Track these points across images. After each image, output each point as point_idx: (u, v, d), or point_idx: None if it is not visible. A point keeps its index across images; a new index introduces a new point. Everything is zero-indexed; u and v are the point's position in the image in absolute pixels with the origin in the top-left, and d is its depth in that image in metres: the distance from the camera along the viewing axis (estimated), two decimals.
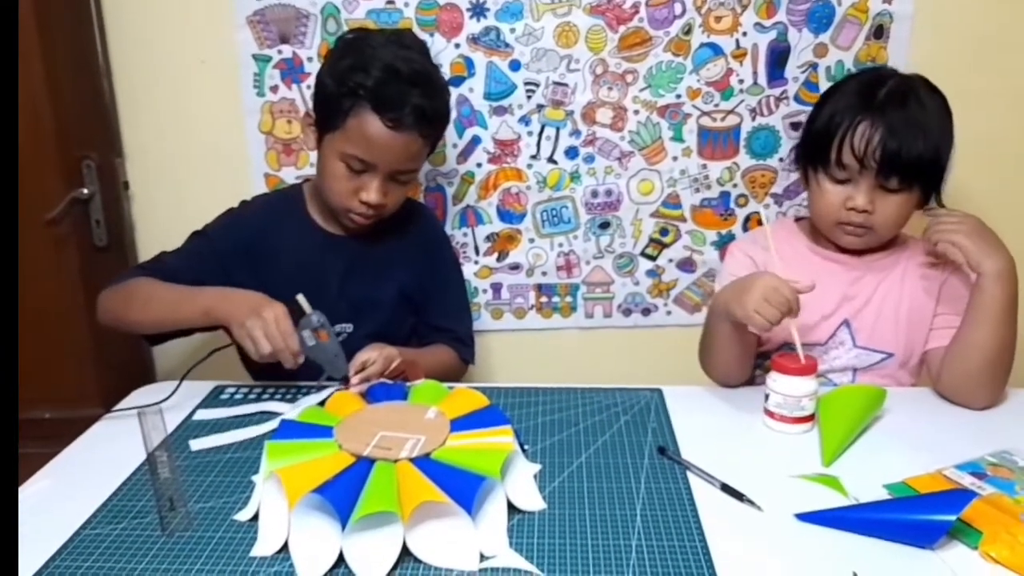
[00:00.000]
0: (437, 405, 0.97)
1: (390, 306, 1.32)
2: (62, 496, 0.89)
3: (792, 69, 1.48)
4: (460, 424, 0.92)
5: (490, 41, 1.47)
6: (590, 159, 1.54)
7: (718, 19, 1.46)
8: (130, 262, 1.54)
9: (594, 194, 1.56)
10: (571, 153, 1.54)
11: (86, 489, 0.89)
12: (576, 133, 1.52)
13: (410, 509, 0.75)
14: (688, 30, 1.46)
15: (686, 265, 1.61)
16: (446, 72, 1.45)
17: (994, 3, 1.45)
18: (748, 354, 1.19)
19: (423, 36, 1.37)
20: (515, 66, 1.48)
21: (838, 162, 1.13)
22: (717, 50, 1.47)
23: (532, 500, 0.85)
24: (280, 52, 1.47)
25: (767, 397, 1.03)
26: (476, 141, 1.53)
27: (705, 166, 1.54)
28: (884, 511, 0.81)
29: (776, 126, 1.52)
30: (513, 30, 1.46)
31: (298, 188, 1.35)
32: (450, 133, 1.51)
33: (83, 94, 1.44)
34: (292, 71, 1.48)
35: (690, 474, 0.91)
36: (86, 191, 1.44)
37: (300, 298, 1.09)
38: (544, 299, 1.63)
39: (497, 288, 1.62)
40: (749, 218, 1.57)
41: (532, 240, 1.59)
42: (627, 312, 1.64)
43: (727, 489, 0.88)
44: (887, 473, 0.90)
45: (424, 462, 0.83)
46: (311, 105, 1.24)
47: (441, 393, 1.04)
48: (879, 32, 1.46)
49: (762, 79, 1.49)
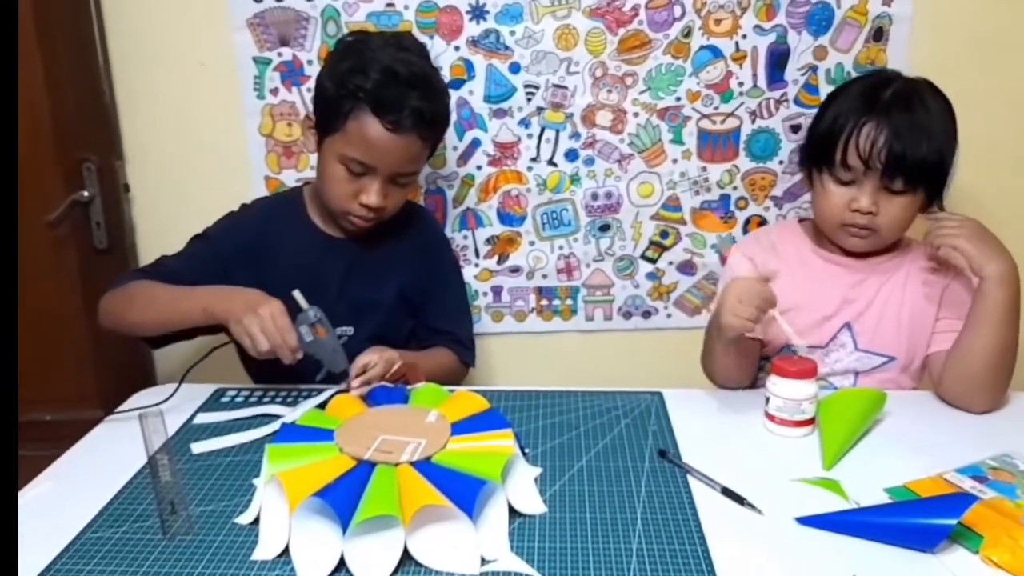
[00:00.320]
0: (438, 408, 0.97)
1: (390, 308, 1.32)
2: (63, 499, 0.89)
3: (792, 72, 1.48)
4: (461, 427, 0.92)
5: (490, 44, 1.47)
6: (590, 162, 1.54)
7: (718, 22, 1.46)
8: (130, 264, 1.54)
9: (594, 197, 1.56)
10: (571, 156, 1.54)
11: (87, 492, 0.89)
12: (576, 136, 1.52)
13: (411, 513, 0.75)
14: (688, 33, 1.46)
15: (686, 268, 1.61)
16: (446, 75, 1.45)
17: (993, 5, 1.45)
18: (750, 361, 1.20)
19: (423, 39, 1.37)
20: (515, 69, 1.48)
21: (843, 163, 1.13)
22: (717, 53, 1.48)
23: (533, 504, 0.85)
24: (280, 55, 1.48)
25: (767, 400, 1.03)
26: (476, 144, 1.53)
27: (705, 169, 1.54)
28: (885, 515, 0.81)
29: (776, 129, 1.52)
30: (513, 33, 1.46)
31: (298, 191, 1.35)
32: (450, 136, 1.51)
33: (83, 96, 1.44)
34: (292, 74, 1.48)
35: (691, 478, 0.92)
36: (86, 193, 1.44)
37: (296, 294, 1.09)
38: (544, 302, 1.63)
39: (497, 291, 1.62)
40: (749, 221, 1.58)
41: (532, 243, 1.59)
42: (627, 315, 1.64)
43: (728, 493, 0.88)
44: (888, 477, 0.90)
45: (425, 466, 0.84)
46: (311, 108, 1.24)
47: (442, 396, 1.04)
48: (879, 34, 1.46)
49: (762, 82, 1.49)
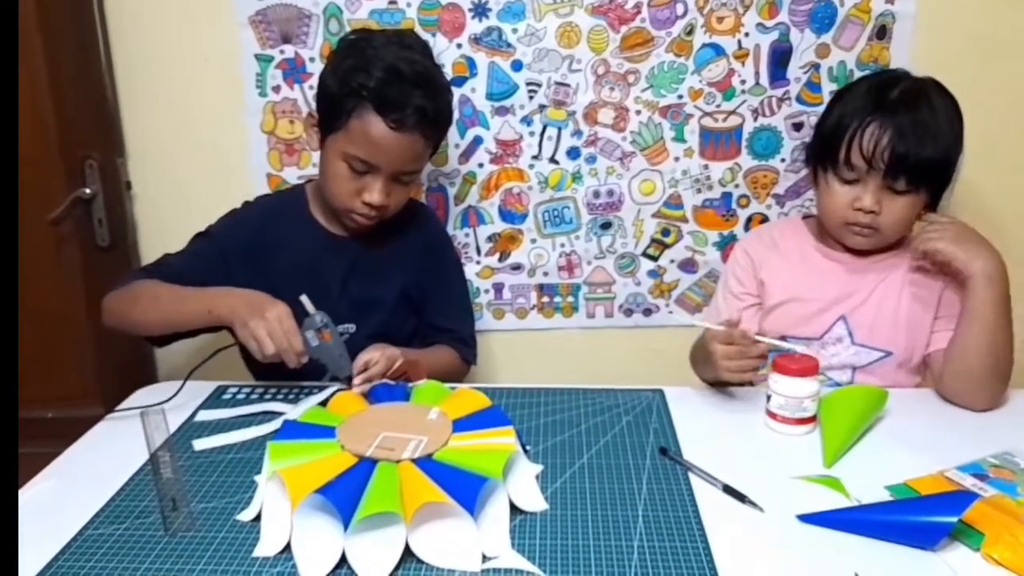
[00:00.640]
0: (439, 406, 0.97)
1: (392, 306, 1.32)
2: (65, 496, 0.89)
3: (794, 70, 1.48)
4: (462, 425, 0.92)
5: (492, 41, 1.47)
6: (592, 159, 1.54)
7: (720, 19, 1.46)
8: (132, 262, 1.54)
9: (596, 194, 1.56)
10: (573, 153, 1.54)
11: (89, 489, 0.89)
12: (578, 133, 1.52)
13: (412, 510, 0.75)
14: (690, 30, 1.46)
15: (688, 266, 1.61)
16: (448, 72, 1.45)
17: (996, 3, 1.44)
18: None
19: (425, 36, 1.37)
20: (517, 66, 1.48)
21: (847, 162, 1.14)
22: (719, 50, 1.47)
23: (534, 501, 0.85)
24: (282, 52, 1.47)
25: (769, 398, 1.03)
26: (478, 141, 1.53)
27: (707, 166, 1.54)
28: (886, 512, 0.81)
29: (778, 127, 1.52)
30: (515, 30, 1.46)
31: (301, 189, 1.35)
32: (452, 133, 1.51)
33: (86, 94, 1.44)
34: (294, 71, 1.48)
35: (692, 475, 0.92)
36: (88, 191, 1.44)
37: (304, 299, 1.09)
38: (546, 299, 1.63)
39: (499, 288, 1.62)
40: (751, 219, 1.57)
41: (534, 240, 1.59)
42: (629, 312, 1.64)
43: (729, 490, 0.88)
44: (889, 474, 0.90)
45: (426, 463, 0.84)
46: (314, 106, 1.24)
47: (443, 394, 1.04)
48: (882, 32, 1.46)
49: (764, 80, 1.49)
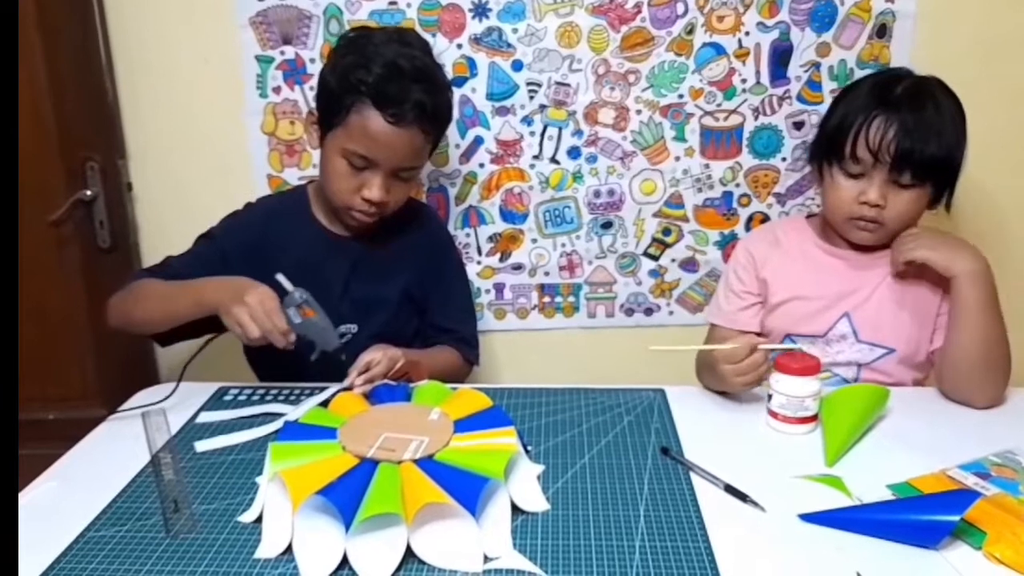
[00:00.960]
0: (440, 406, 0.97)
1: (394, 306, 1.32)
2: (66, 498, 0.89)
3: (795, 68, 1.48)
4: (463, 425, 0.92)
5: (492, 41, 1.47)
6: (592, 159, 1.54)
7: (720, 19, 1.46)
8: (134, 263, 1.54)
9: (596, 194, 1.56)
10: (573, 153, 1.53)
11: (90, 491, 0.89)
12: (578, 133, 1.52)
13: (414, 511, 0.75)
14: (690, 30, 1.46)
15: (689, 265, 1.61)
16: (449, 72, 1.45)
17: (997, 2, 1.44)
18: None
19: (425, 37, 1.37)
20: (517, 66, 1.48)
21: (852, 156, 1.14)
22: (719, 50, 1.47)
23: (535, 501, 0.85)
24: (283, 53, 1.47)
25: (770, 397, 1.03)
26: (479, 141, 1.53)
27: (708, 166, 1.54)
28: (888, 511, 0.81)
29: (779, 125, 1.51)
30: (515, 30, 1.46)
31: (302, 189, 1.35)
32: (452, 133, 1.51)
33: (86, 96, 1.44)
34: (295, 72, 1.48)
35: (693, 475, 0.92)
36: (89, 192, 1.44)
37: (280, 277, 1.08)
38: (547, 299, 1.63)
39: (500, 288, 1.62)
40: (752, 218, 1.57)
41: (535, 240, 1.59)
42: (630, 312, 1.64)
43: (730, 490, 0.88)
44: (890, 473, 0.90)
45: (428, 463, 0.84)
46: (314, 105, 1.24)
47: (444, 394, 1.04)
48: (882, 31, 1.46)
49: (765, 78, 1.49)
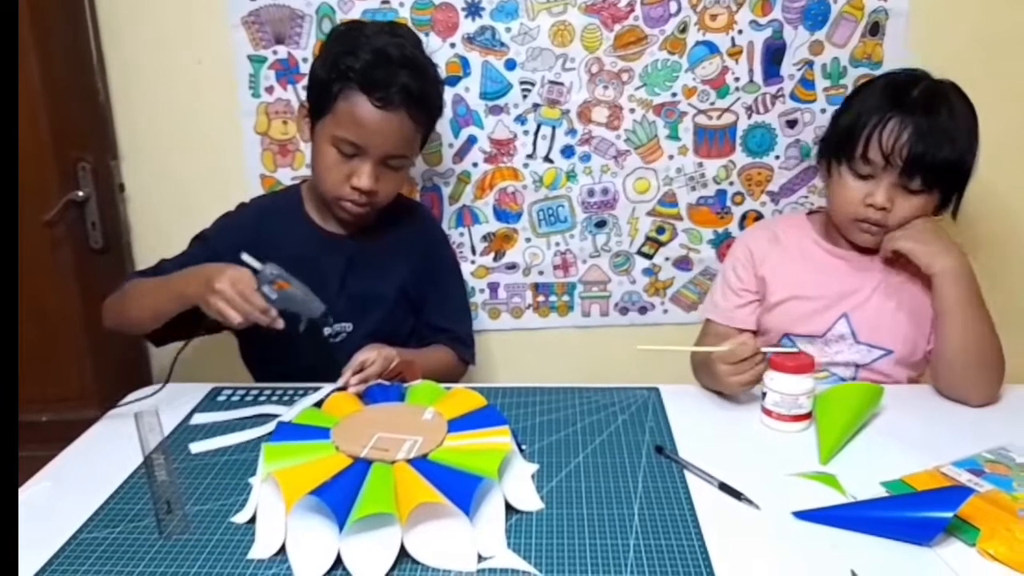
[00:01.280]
0: (434, 406, 0.97)
1: (390, 304, 1.31)
2: (59, 499, 0.89)
3: (788, 67, 1.48)
4: (457, 425, 0.92)
5: (485, 40, 1.47)
6: (586, 158, 1.54)
7: (713, 17, 1.46)
8: (126, 264, 1.54)
9: (590, 193, 1.56)
10: (567, 152, 1.53)
11: (83, 492, 0.89)
12: (572, 132, 1.52)
13: (407, 510, 0.75)
14: (683, 28, 1.46)
15: (683, 263, 1.61)
16: (442, 72, 1.44)
17: None
18: None
19: (418, 35, 1.37)
20: (511, 65, 1.48)
21: (863, 157, 1.13)
22: (713, 48, 1.47)
23: (530, 500, 0.85)
24: (275, 53, 1.47)
25: (764, 395, 1.03)
26: (472, 140, 1.53)
27: (701, 164, 1.54)
28: (882, 509, 0.81)
29: (772, 124, 1.52)
30: (508, 29, 1.46)
31: (295, 188, 1.35)
32: (446, 132, 1.51)
33: (78, 96, 1.44)
34: (287, 72, 1.48)
35: (688, 473, 0.92)
36: (81, 193, 1.44)
37: (245, 256, 1.07)
38: (541, 298, 1.63)
39: (494, 287, 1.62)
40: (746, 216, 1.57)
41: (529, 239, 1.59)
42: (624, 311, 1.64)
43: (725, 488, 0.88)
44: (884, 470, 0.90)
45: (421, 463, 0.83)
46: (305, 97, 1.24)
47: (438, 393, 1.04)
48: (875, 29, 1.46)
49: (758, 77, 1.49)
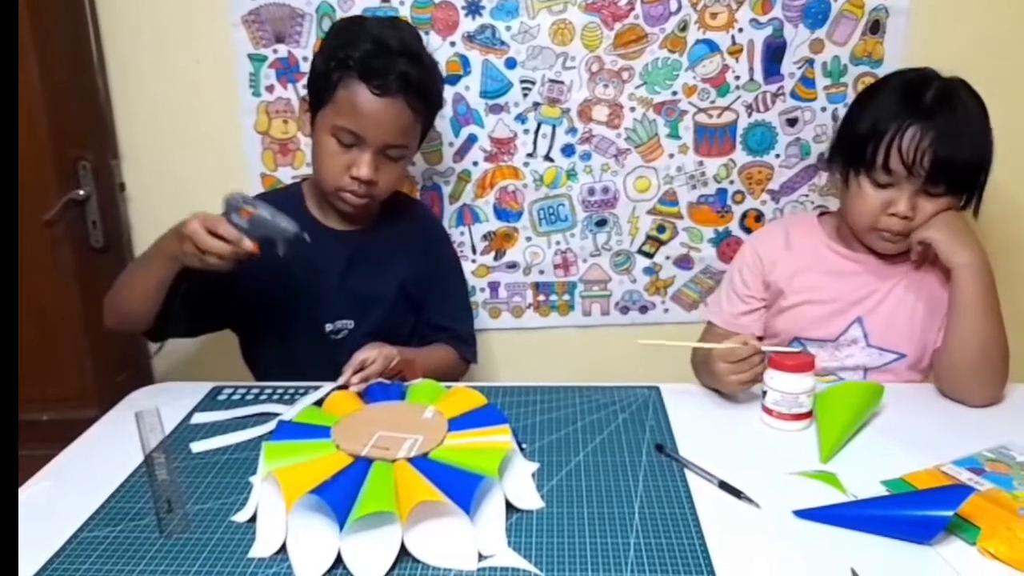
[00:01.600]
0: (434, 404, 0.97)
1: (391, 302, 1.31)
2: (60, 499, 0.89)
3: (788, 65, 1.48)
4: (458, 423, 0.92)
5: (486, 39, 1.47)
6: (587, 156, 1.54)
7: (714, 15, 1.46)
8: (127, 263, 1.53)
9: (591, 192, 1.56)
10: (567, 151, 1.53)
11: (84, 491, 0.89)
12: (572, 131, 1.52)
13: (408, 509, 0.75)
14: (684, 27, 1.46)
15: (683, 262, 1.61)
16: (442, 70, 1.43)
17: None
18: None
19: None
20: (511, 64, 1.48)
21: (884, 166, 1.11)
22: (713, 46, 1.47)
23: (530, 499, 0.85)
24: (276, 51, 1.47)
25: (765, 394, 1.03)
26: (472, 139, 1.52)
27: (702, 163, 1.54)
28: (882, 507, 0.81)
29: (772, 122, 1.52)
30: (508, 28, 1.46)
31: (297, 186, 1.35)
32: (446, 131, 1.51)
33: (78, 95, 1.44)
34: (288, 71, 1.48)
35: (688, 471, 0.91)
36: (82, 192, 1.44)
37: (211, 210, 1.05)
38: (542, 297, 1.63)
39: (495, 287, 1.62)
40: (746, 215, 1.57)
41: (529, 238, 1.59)
42: (625, 310, 1.64)
43: (725, 486, 0.88)
44: (885, 469, 0.90)
45: (422, 462, 0.83)
46: (306, 91, 1.25)
47: (439, 392, 1.04)
48: (875, 27, 1.46)
49: (758, 75, 1.49)
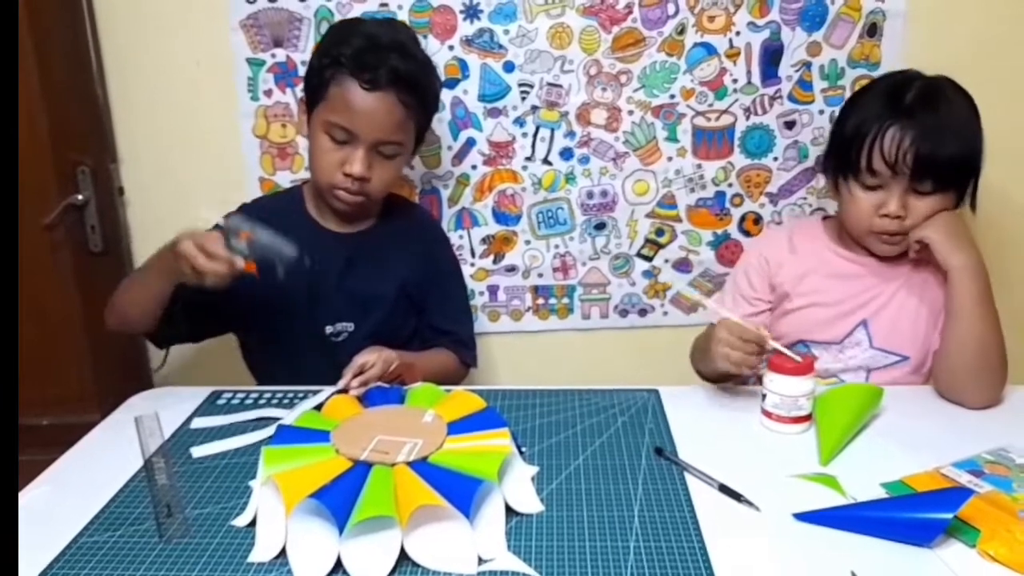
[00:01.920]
0: (434, 408, 0.97)
1: (391, 304, 1.31)
2: (59, 503, 0.89)
3: (786, 68, 1.49)
4: (457, 427, 0.92)
5: (484, 43, 1.47)
6: (585, 160, 1.54)
7: (711, 19, 1.46)
8: (126, 268, 1.54)
9: (589, 195, 1.56)
10: (566, 154, 1.53)
11: (83, 496, 0.89)
12: (571, 134, 1.52)
13: (407, 513, 0.75)
14: (681, 30, 1.46)
15: (682, 265, 1.61)
16: (440, 74, 1.44)
17: (989, 0, 1.44)
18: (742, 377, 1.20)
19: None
20: (509, 67, 1.48)
21: (868, 168, 1.12)
22: (711, 50, 1.48)
23: (530, 502, 0.85)
24: (274, 56, 1.47)
25: (764, 397, 1.03)
26: (471, 143, 1.53)
27: (700, 166, 1.54)
28: (882, 510, 0.81)
29: (770, 125, 1.52)
30: (507, 32, 1.46)
31: (296, 189, 1.36)
32: (445, 135, 1.51)
33: (77, 100, 1.44)
34: (286, 75, 1.48)
35: (688, 475, 0.92)
36: (81, 197, 1.44)
37: (204, 212, 1.09)
38: (541, 301, 1.63)
39: (494, 290, 1.62)
40: (744, 217, 1.58)
41: (528, 242, 1.59)
42: (624, 313, 1.64)
43: (725, 489, 0.88)
44: (885, 472, 0.90)
45: (421, 466, 0.83)
46: (303, 92, 1.25)
47: (438, 396, 1.04)
48: (872, 30, 1.46)
49: (756, 78, 1.49)
